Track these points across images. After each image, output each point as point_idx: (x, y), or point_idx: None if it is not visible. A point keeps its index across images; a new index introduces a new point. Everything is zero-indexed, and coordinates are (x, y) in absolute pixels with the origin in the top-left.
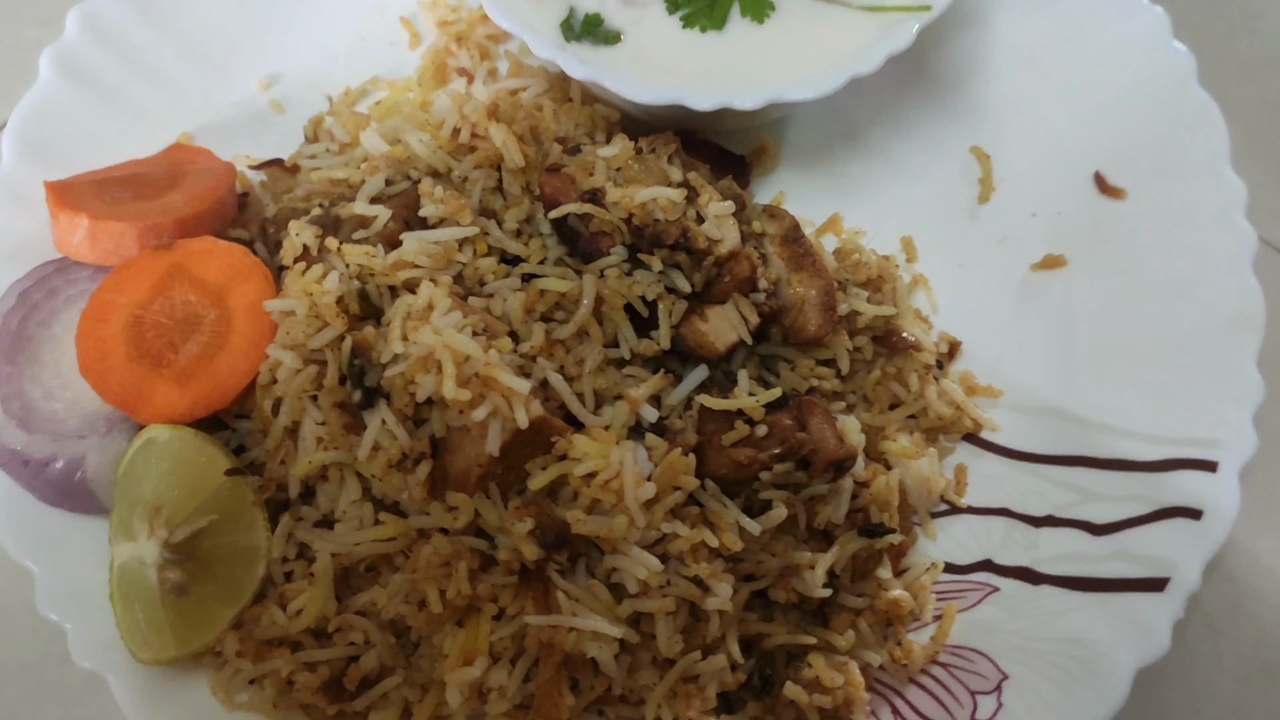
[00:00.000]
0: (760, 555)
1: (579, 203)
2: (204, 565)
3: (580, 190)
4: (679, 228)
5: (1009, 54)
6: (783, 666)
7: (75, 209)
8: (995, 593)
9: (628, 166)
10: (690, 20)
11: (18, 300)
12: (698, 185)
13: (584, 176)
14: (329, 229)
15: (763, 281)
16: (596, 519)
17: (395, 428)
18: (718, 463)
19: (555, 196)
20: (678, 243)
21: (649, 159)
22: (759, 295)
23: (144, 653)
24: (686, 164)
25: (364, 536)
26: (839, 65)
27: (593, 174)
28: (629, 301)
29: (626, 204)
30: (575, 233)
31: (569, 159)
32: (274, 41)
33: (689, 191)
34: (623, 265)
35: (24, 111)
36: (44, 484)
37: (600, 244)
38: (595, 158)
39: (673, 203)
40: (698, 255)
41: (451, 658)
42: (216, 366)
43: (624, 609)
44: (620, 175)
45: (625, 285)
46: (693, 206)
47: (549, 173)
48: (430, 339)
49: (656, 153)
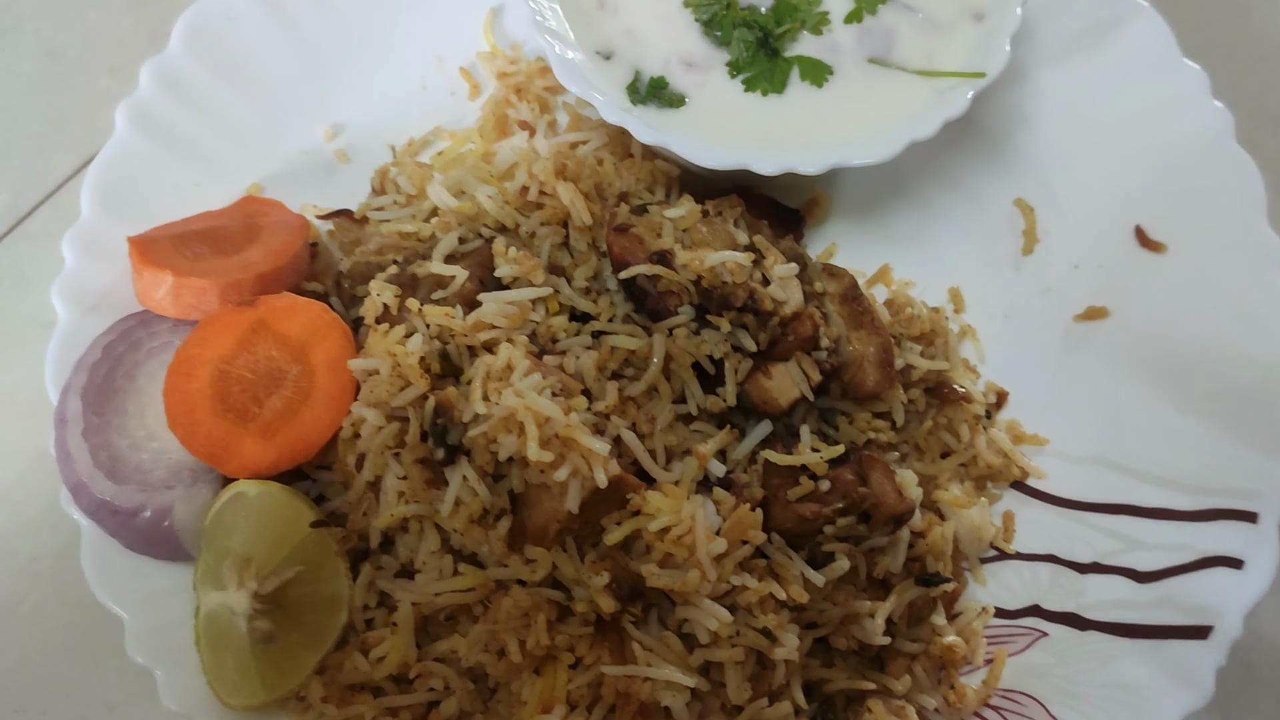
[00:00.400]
0: (823, 605)
1: (648, 264)
2: (290, 614)
3: (649, 251)
4: (746, 290)
5: (1053, 110)
6: (842, 710)
7: (159, 266)
8: (1044, 638)
9: (695, 229)
10: (752, 84)
11: (103, 353)
12: (763, 248)
13: (652, 237)
14: (407, 288)
15: (824, 340)
16: (670, 572)
17: (476, 484)
18: (783, 517)
19: (624, 256)
20: (745, 305)
21: (716, 222)
22: (820, 353)
23: (233, 698)
24: (751, 225)
25: (444, 587)
26: (897, 130)
27: (660, 235)
28: (696, 359)
29: (696, 266)
30: (644, 292)
31: (636, 219)
32: (338, 92)
33: (755, 254)
34: (690, 324)
35: (101, 165)
36: (131, 532)
37: (668, 303)
38: (663, 219)
39: (740, 266)
40: (764, 316)
41: (530, 705)
42: (300, 421)
43: (695, 658)
44: (687, 237)
45: (693, 344)
46: (758, 269)
47: (617, 232)
48: (513, 401)
49: (723, 215)
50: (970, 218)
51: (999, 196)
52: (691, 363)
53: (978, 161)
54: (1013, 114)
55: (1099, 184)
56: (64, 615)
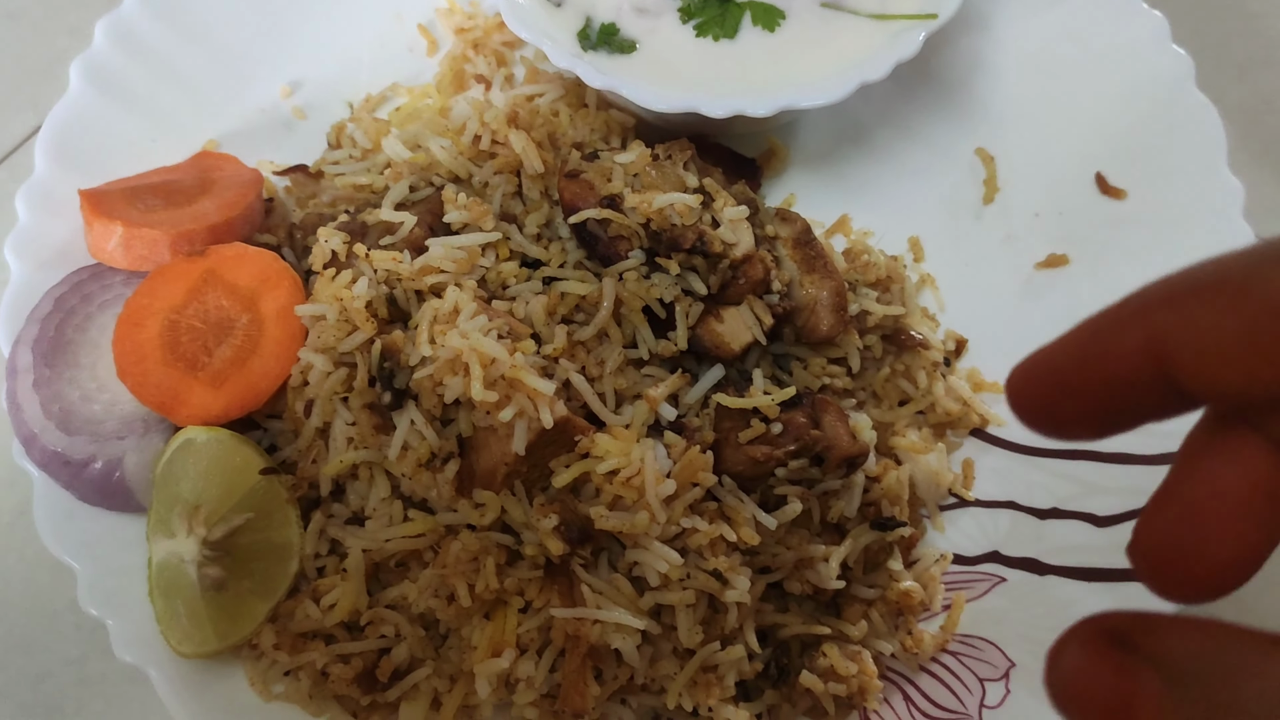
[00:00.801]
0: (776, 549)
1: (598, 208)
2: (241, 561)
3: (599, 196)
4: (695, 232)
5: (1012, 58)
6: (798, 656)
7: (110, 217)
8: (1003, 583)
9: (645, 173)
10: (703, 29)
11: (54, 305)
12: (713, 191)
13: (602, 182)
14: (356, 235)
15: (776, 284)
16: (619, 515)
17: (424, 428)
18: (734, 460)
19: (574, 202)
20: (694, 247)
21: (665, 165)
22: (773, 297)
23: (184, 646)
24: (701, 170)
25: (394, 533)
26: (848, 72)
27: (611, 180)
28: (647, 304)
29: (644, 209)
30: (594, 237)
31: (587, 165)
32: (296, 49)
33: (704, 197)
34: (640, 269)
35: (55, 121)
36: (83, 484)
37: (619, 248)
38: (613, 164)
39: (689, 208)
40: (713, 259)
41: (480, 650)
42: (249, 369)
43: (646, 601)
44: (638, 181)
45: (644, 288)
46: (708, 211)
47: (568, 178)
48: (458, 342)
49: (673, 159)
50: (930, 167)
51: (959, 145)
52: (642, 307)
53: (938, 111)
54: (972, 62)
55: (1059, 131)
56: (22, 570)
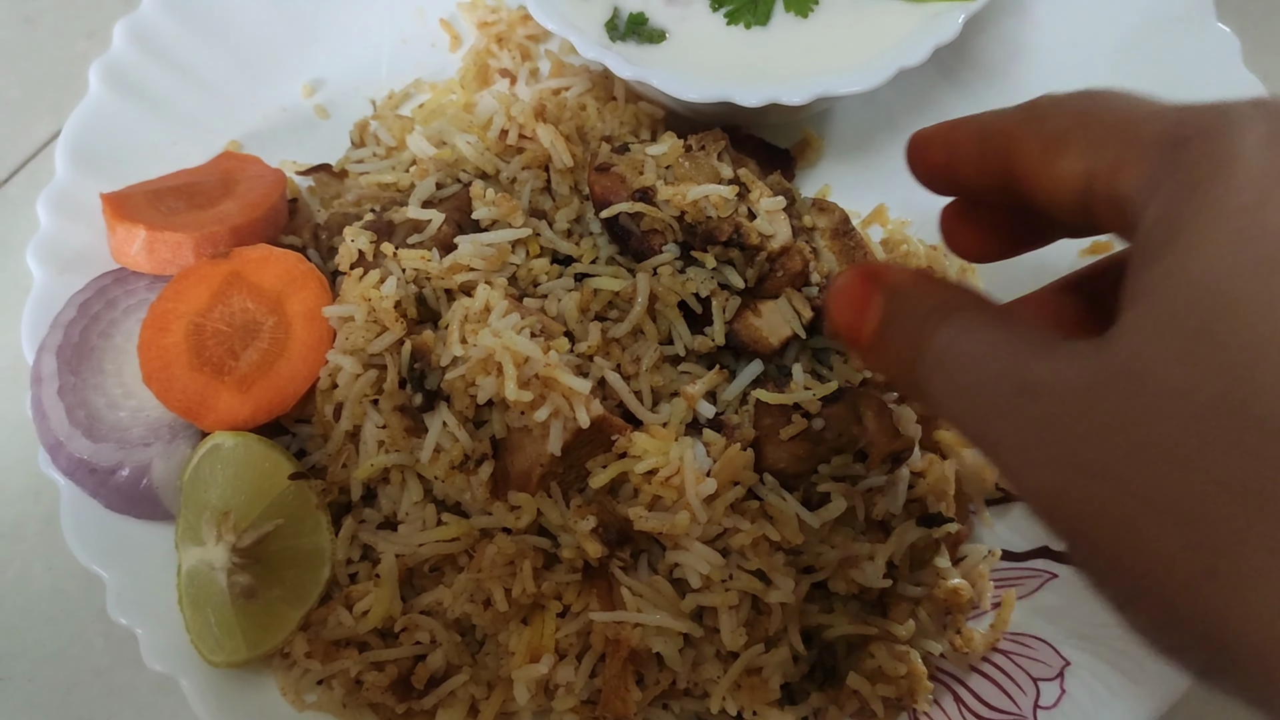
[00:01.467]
0: (820, 548)
1: (630, 201)
2: (271, 569)
3: (630, 189)
4: (731, 224)
5: (1050, 40)
6: (844, 657)
7: (132, 220)
8: (1054, 579)
9: (678, 164)
10: (734, 16)
11: (78, 311)
12: (748, 181)
13: (634, 175)
14: (383, 234)
15: (815, 275)
16: (658, 515)
17: (456, 429)
18: (775, 457)
19: (605, 196)
20: (731, 239)
21: (699, 156)
22: (811, 289)
23: (216, 655)
24: (735, 160)
25: (427, 537)
26: (885, 58)
27: (643, 172)
28: (683, 299)
29: (679, 202)
30: (627, 231)
31: (617, 158)
32: (317, 46)
33: (740, 188)
34: (675, 263)
35: (75, 124)
36: (110, 491)
37: (652, 242)
38: (644, 156)
39: (725, 199)
40: (750, 251)
41: (518, 655)
42: (277, 372)
43: (687, 604)
44: (670, 173)
45: (679, 283)
46: (744, 203)
47: (598, 172)
48: (490, 341)
49: (706, 150)
50: None
51: None
52: (678, 302)
53: (975, 96)
54: (1010, 45)
55: None
56: (49, 580)
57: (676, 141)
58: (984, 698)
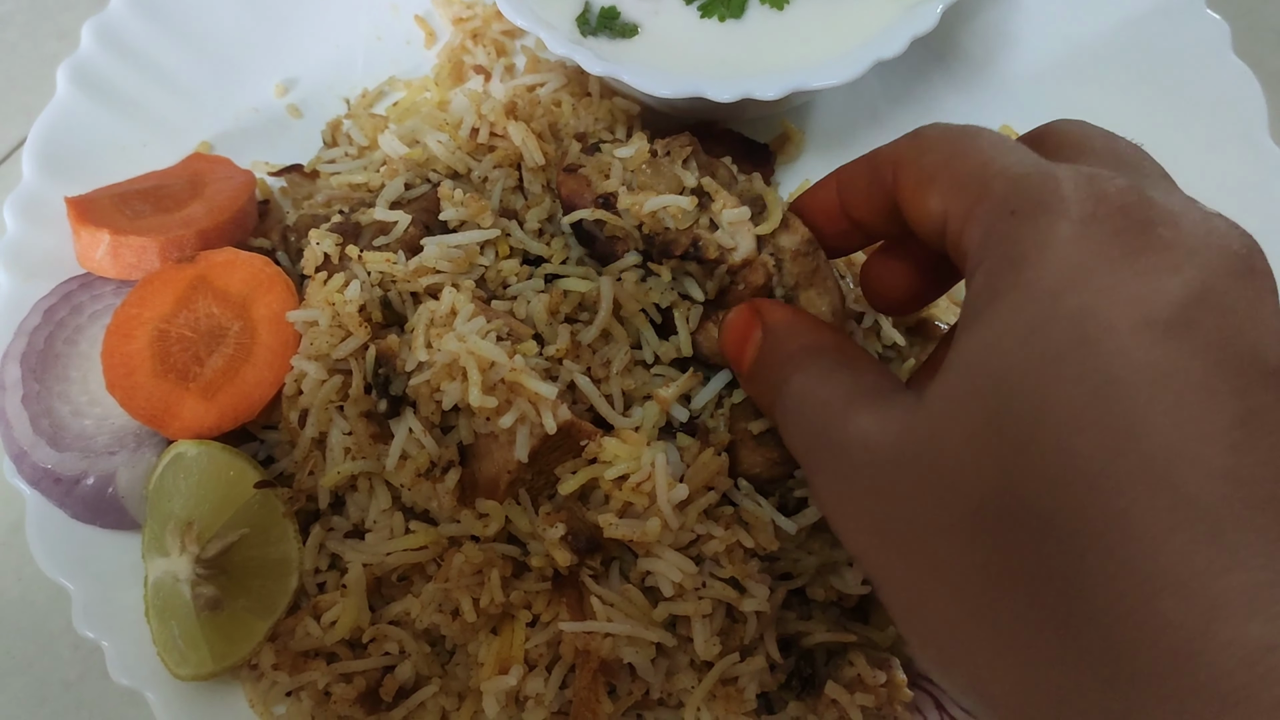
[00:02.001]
0: (796, 554)
1: (592, 208)
2: (237, 579)
3: (595, 193)
4: (689, 236)
5: (1036, 28)
6: (823, 665)
7: (96, 224)
8: None
9: (640, 171)
10: (708, 10)
11: (43, 318)
12: (712, 191)
13: (599, 179)
14: (349, 236)
15: (779, 290)
16: (629, 522)
17: (422, 436)
18: (751, 461)
19: (571, 199)
20: (687, 253)
21: (662, 163)
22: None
23: (181, 669)
24: (706, 166)
25: (395, 546)
26: (862, 50)
27: (609, 176)
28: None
29: (637, 212)
30: (591, 235)
31: (587, 159)
32: (289, 45)
33: (703, 198)
34: (637, 270)
35: (43, 127)
36: (76, 501)
37: (616, 247)
38: (613, 159)
39: (684, 211)
40: (709, 264)
41: (487, 666)
42: (242, 379)
43: (659, 612)
44: (635, 178)
45: (640, 291)
46: (705, 214)
47: (566, 173)
48: (454, 346)
49: (671, 155)
50: None
51: (983, 123)
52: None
53: (960, 87)
54: (995, 35)
55: (1089, 104)
56: (18, 591)
57: (644, 145)
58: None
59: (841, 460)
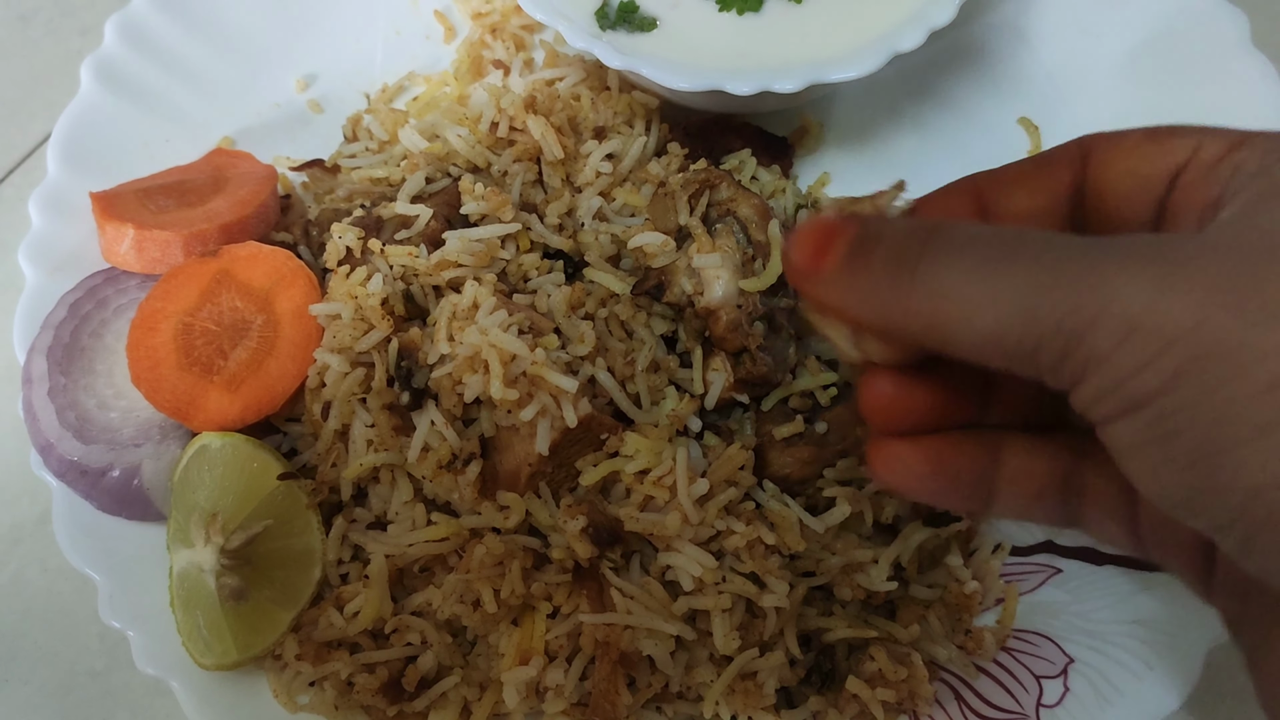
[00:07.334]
0: (821, 554)
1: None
2: (261, 570)
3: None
4: (657, 277)
5: (1054, 22)
6: (844, 660)
7: (121, 219)
8: (1058, 574)
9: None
10: (726, 3)
11: (69, 312)
12: (696, 234)
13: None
14: (371, 230)
15: (760, 365)
16: (649, 516)
17: (444, 428)
18: (780, 463)
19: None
20: (651, 290)
21: (665, 198)
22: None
23: (206, 658)
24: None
25: (417, 537)
26: (880, 43)
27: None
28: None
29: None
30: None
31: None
32: (310, 41)
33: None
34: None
35: (67, 123)
36: (101, 493)
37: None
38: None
39: (658, 250)
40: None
41: (508, 657)
42: (266, 371)
43: (679, 606)
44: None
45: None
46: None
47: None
48: (476, 339)
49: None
50: (971, 140)
51: (1001, 115)
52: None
53: (978, 81)
54: (1012, 30)
55: (1106, 96)
56: (45, 582)
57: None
58: (986, 696)
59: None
